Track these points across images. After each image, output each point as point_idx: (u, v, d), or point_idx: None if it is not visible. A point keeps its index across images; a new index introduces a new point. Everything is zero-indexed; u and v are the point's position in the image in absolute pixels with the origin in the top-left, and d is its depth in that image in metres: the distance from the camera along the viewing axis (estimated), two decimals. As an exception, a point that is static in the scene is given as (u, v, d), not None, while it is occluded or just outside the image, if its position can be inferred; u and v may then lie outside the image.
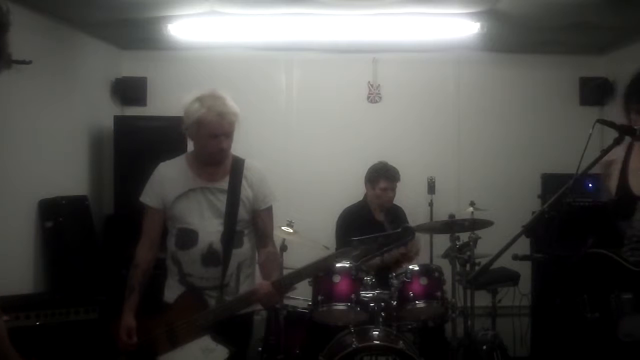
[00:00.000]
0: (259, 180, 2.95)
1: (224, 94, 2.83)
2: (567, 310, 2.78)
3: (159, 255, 2.97)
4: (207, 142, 2.80)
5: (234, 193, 2.86)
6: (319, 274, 3.63)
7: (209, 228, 2.83)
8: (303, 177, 5.52)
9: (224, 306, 2.81)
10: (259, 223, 2.97)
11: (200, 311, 2.78)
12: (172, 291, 2.89)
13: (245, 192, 2.89)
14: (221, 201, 2.86)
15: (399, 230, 2.74)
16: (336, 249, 4.40)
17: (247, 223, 2.93)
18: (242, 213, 2.88)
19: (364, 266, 3.88)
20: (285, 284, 2.82)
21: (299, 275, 2.87)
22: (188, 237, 2.83)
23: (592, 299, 2.68)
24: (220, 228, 2.83)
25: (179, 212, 2.85)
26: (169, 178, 2.90)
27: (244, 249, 2.92)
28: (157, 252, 2.95)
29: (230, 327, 2.76)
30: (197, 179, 2.88)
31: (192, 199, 2.85)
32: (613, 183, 2.79)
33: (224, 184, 2.88)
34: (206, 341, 2.71)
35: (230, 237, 2.84)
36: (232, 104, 2.82)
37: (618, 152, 2.73)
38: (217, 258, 2.83)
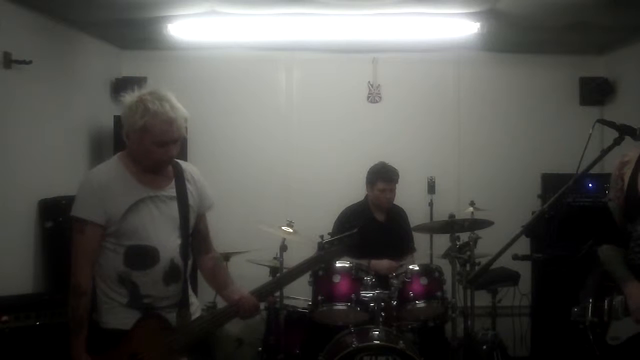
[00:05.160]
0: (200, 184, 2.70)
1: (168, 95, 2.48)
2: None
3: None
4: (153, 149, 2.46)
5: (183, 200, 2.59)
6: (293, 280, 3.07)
7: (169, 242, 2.54)
8: (303, 176, 5.50)
9: (207, 323, 2.59)
10: (202, 227, 2.72)
11: (166, 334, 2.48)
12: (120, 317, 2.50)
13: (192, 197, 2.63)
14: (174, 210, 2.57)
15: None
16: None
17: (193, 230, 2.68)
18: (192, 220, 2.63)
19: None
20: (266, 293, 2.61)
21: (277, 284, 2.76)
22: (145, 256, 2.49)
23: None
24: (178, 240, 2.57)
25: (132, 227, 2.47)
26: (109, 188, 2.49)
27: (191, 259, 2.69)
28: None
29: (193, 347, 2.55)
30: (143, 187, 2.52)
31: (143, 211, 2.50)
32: (624, 184, 2.78)
33: (172, 190, 2.58)
34: None
35: (187, 247, 2.60)
36: (180, 106, 2.49)
37: (633, 154, 2.73)
38: (178, 274, 2.56)
